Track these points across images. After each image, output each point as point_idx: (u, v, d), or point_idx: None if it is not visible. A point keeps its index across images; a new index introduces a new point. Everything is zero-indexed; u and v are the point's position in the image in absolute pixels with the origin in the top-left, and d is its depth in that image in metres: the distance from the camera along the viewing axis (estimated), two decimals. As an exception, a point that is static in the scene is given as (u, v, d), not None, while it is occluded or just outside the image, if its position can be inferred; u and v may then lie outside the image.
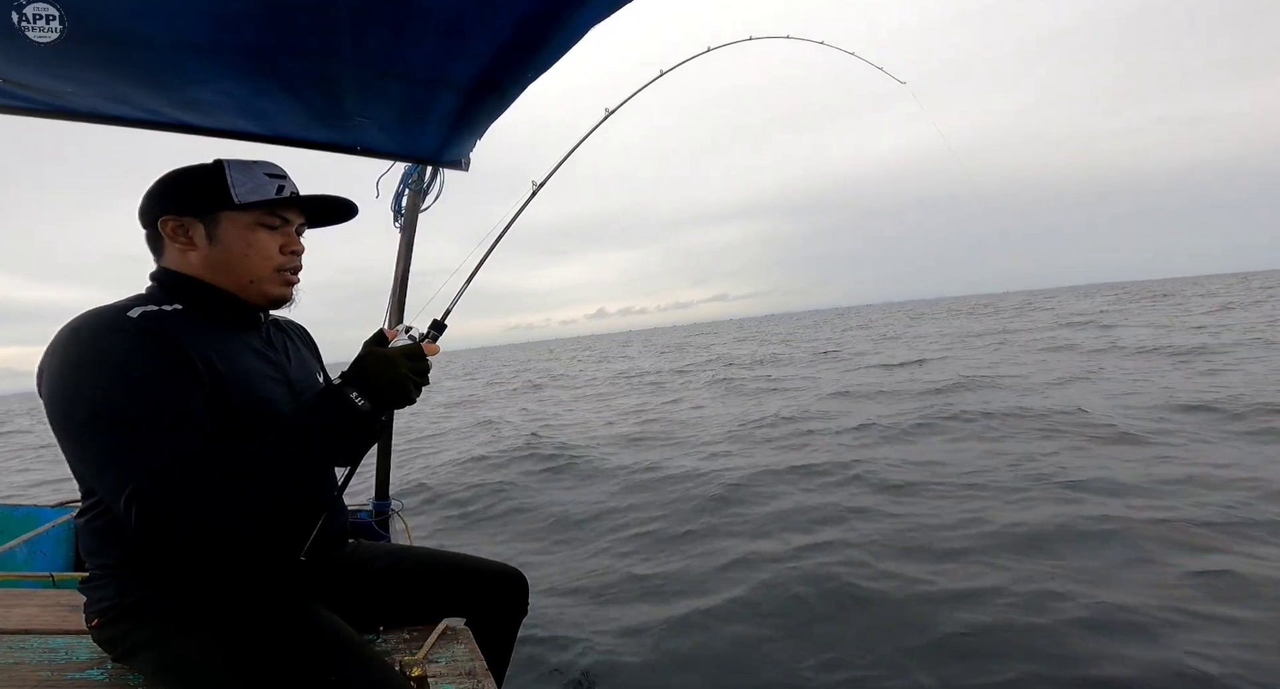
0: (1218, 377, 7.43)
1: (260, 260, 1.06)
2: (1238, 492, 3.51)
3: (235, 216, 1.04)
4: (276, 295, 1.10)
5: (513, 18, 0.95)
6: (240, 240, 1.04)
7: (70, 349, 0.89)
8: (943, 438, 5.60)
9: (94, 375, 0.87)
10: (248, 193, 1.03)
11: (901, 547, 3.22)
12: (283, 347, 1.18)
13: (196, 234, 1.04)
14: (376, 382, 0.94)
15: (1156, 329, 14.47)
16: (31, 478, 8.80)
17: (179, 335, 0.94)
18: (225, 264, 1.04)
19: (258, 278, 1.06)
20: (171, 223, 1.03)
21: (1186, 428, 5.12)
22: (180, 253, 1.04)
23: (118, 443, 0.85)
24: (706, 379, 13.87)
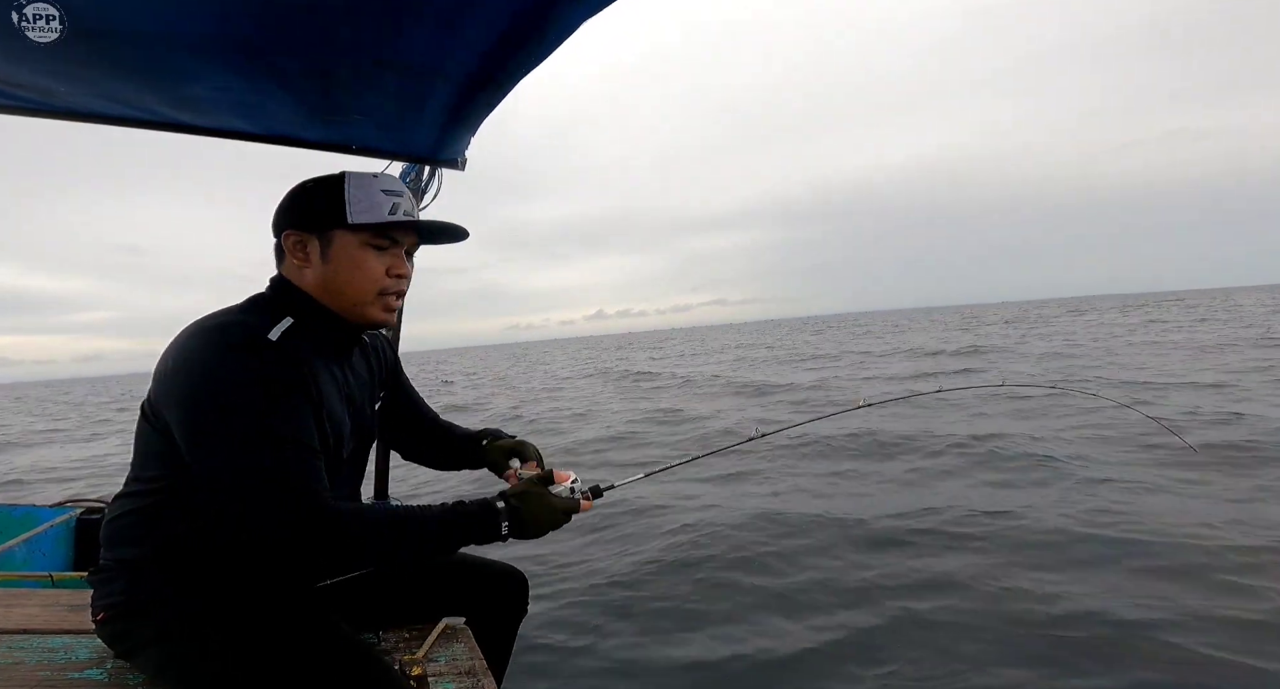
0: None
1: (365, 282, 1.05)
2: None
3: (347, 235, 1.04)
4: (376, 319, 1.09)
5: (507, 8, 0.95)
6: (348, 260, 1.04)
7: (214, 361, 0.91)
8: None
9: (241, 393, 0.89)
10: (361, 211, 1.02)
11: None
12: (359, 372, 1.19)
13: (313, 250, 1.05)
14: (530, 524, 1.02)
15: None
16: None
17: (304, 360, 0.97)
18: (333, 284, 1.05)
19: (360, 300, 1.06)
20: (293, 237, 1.05)
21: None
22: (296, 267, 1.06)
23: (260, 465, 0.87)
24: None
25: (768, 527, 3.74)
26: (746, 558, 3.31)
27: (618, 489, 1.25)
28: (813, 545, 3.41)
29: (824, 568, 3.12)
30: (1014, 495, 4.04)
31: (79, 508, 2.92)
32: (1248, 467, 4.33)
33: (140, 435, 1.01)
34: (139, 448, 1.02)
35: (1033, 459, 4.84)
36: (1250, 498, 3.69)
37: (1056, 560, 2.98)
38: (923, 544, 3.33)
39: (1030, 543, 3.21)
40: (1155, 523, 3.32)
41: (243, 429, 0.87)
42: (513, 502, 1.02)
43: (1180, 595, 2.55)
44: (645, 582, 3.13)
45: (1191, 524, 3.27)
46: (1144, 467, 4.45)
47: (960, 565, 3.00)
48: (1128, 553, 3.00)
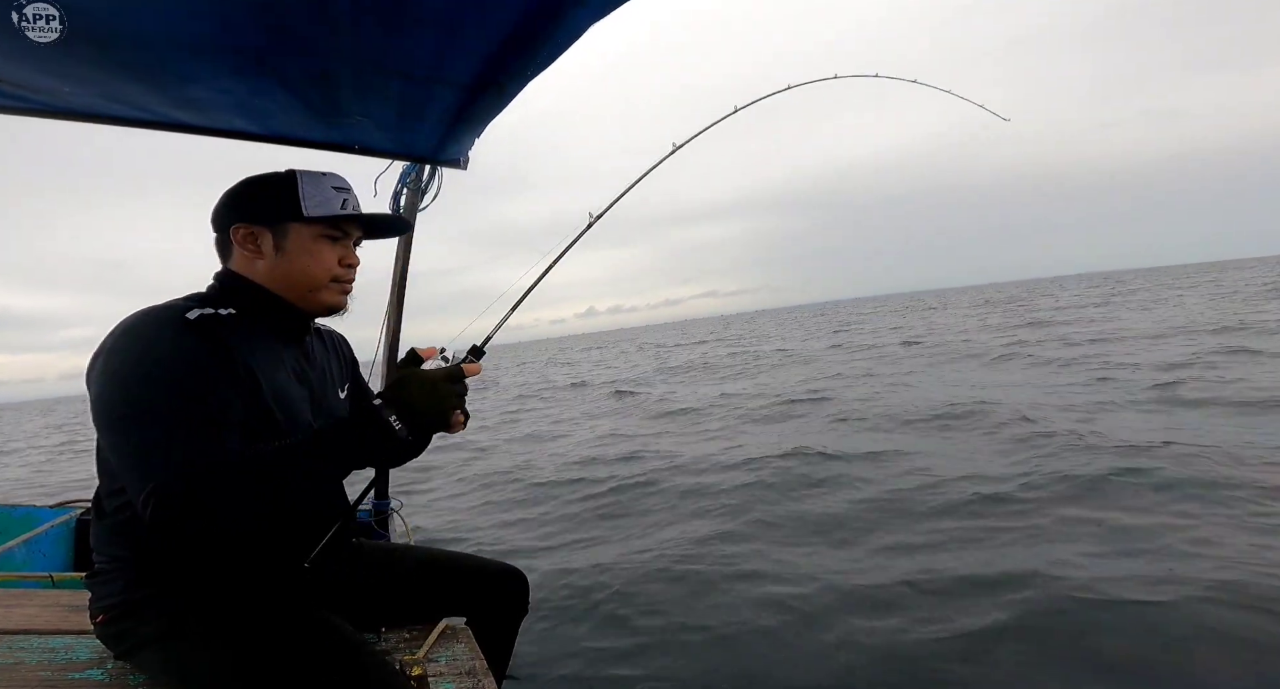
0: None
1: (320, 271, 1.10)
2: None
3: (302, 228, 1.08)
4: (332, 303, 1.13)
5: (512, 14, 0.95)
6: (304, 251, 1.08)
7: (120, 344, 0.91)
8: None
9: (138, 370, 0.89)
10: (316, 205, 1.07)
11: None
12: (319, 361, 1.20)
13: (264, 243, 1.07)
14: (416, 404, 0.91)
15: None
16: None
17: (230, 341, 0.96)
18: (288, 274, 1.08)
19: (316, 287, 1.10)
20: (242, 230, 1.07)
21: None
22: (247, 259, 1.08)
23: (149, 438, 0.85)
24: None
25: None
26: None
27: (495, 338, 1.17)
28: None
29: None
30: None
31: (79, 508, 2.92)
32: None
33: (98, 441, 1.00)
34: (99, 452, 1.01)
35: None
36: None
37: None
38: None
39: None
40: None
41: (134, 406, 0.87)
42: (388, 393, 0.92)
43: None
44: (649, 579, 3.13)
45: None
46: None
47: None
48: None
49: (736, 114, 1.61)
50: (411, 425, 0.90)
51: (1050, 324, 15.92)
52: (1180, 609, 2.23)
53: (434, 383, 0.93)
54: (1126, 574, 2.54)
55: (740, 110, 1.58)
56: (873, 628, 2.38)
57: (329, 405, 1.18)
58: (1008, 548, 2.98)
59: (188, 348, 0.91)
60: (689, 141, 1.54)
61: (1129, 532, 2.99)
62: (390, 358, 2.27)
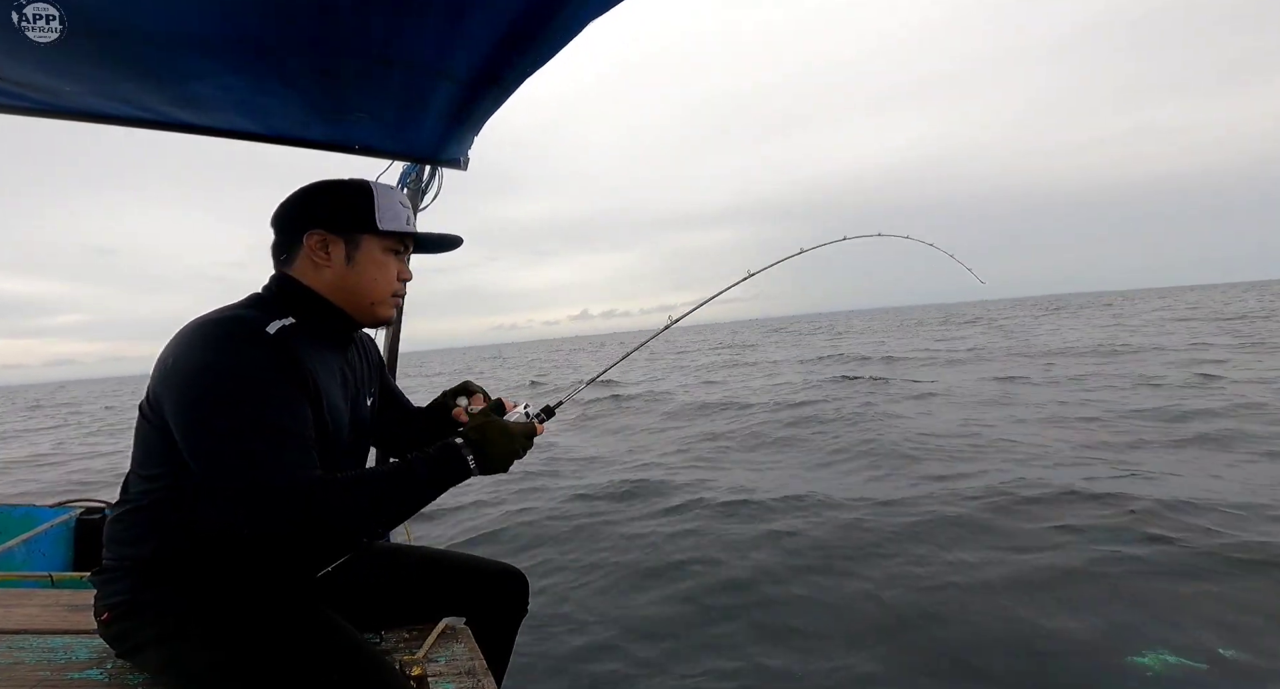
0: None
1: (385, 284, 1.12)
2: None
3: (374, 241, 1.09)
4: (386, 316, 1.15)
5: (513, 8, 0.95)
6: (373, 263, 1.09)
7: (212, 352, 0.92)
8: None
9: (237, 385, 0.91)
10: (388, 219, 1.08)
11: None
12: (358, 369, 1.21)
13: (336, 252, 1.07)
14: (494, 453, 1.01)
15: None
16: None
17: (302, 355, 0.98)
18: (356, 285, 1.09)
19: (378, 300, 1.12)
20: (317, 237, 1.06)
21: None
22: (313, 267, 1.08)
23: (254, 451, 0.89)
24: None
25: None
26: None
27: (566, 404, 1.27)
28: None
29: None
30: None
31: (78, 508, 2.92)
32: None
33: (140, 434, 1.01)
34: (139, 447, 1.02)
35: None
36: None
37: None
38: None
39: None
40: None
41: (235, 418, 0.89)
42: (471, 435, 1.03)
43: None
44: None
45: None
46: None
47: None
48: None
49: (802, 254, 1.67)
50: (483, 467, 1.01)
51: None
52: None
53: (513, 435, 1.05)
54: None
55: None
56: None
57: (361, 414, 1.19)
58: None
59: (274, 365, 0.94)
60: (762, 271, 1.61)
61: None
62: (390, 358, 2.27)
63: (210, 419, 0.90)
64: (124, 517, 1.01)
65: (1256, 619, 2.36)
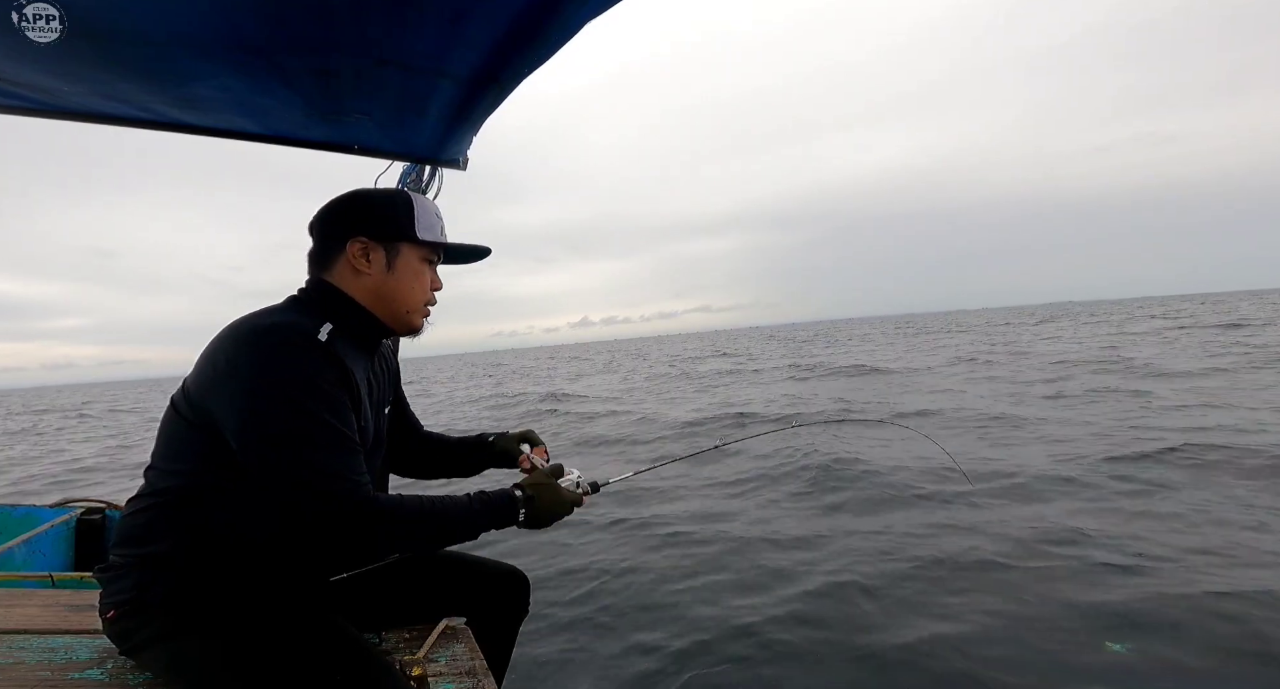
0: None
1: (421, 293, 1.14)
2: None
3: (412, 250, 1.11)
4: (418, 325, 1.17)
5: (512, 8, 0.95)
6: (411, 272, 1.12)
7: (269, 360, 0.93)
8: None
9: (296, 390, 0.92)
10: (425, 229, 1.11)
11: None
12: (380, 377, 1.21)
13: (377, 260, 1.09)
14: (544, 513, 1.09)
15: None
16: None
17: (347, 362, 1.00)
18: (392, 293, 1.11)
19: (413, 309, 1.14)
20: (359, 244, 1.08)
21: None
22: (352, 274, 1.09)
23: (315, 460, 0.91)
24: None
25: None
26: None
27: (613, 484, 1.32)
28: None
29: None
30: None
31: (79, 508, 2.92)
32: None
33: (169, 430, 1.01)
34: (166, 443, 1.02)
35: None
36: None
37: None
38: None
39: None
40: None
41: (298, 424, 0.90)
42: (529, 492, 1.09)
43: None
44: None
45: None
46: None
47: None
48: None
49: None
50: (529, 522, 1.08)
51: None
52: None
53: (564, 502, 1.12)
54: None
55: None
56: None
57: (379, 424, 1.19)
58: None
59: (328, 370, 0.96)
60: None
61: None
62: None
63: (273, 424, 0.91)
64: (141, 511, 1.01)
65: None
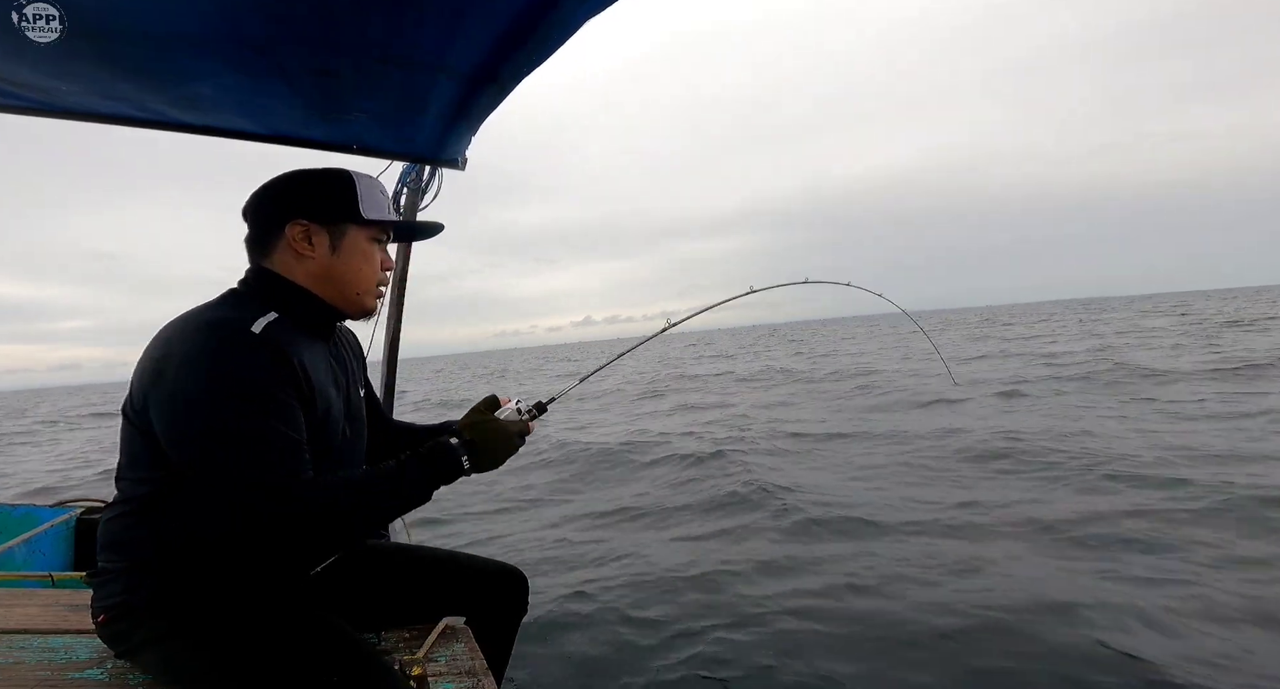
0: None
1: (371, 274, 1.11)
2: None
3: (359, 230, 1.08)
4: (371, 307, 1.14)
5: (512, 5, 0.95)
6: (359, 254, 1.08)
7: (200, 358, 0.91)
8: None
9: (224, 389, 0.89)
10: (371, 208, 1.07)
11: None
12: (345, 360, 1.19)
13: (320, 242, 1.05)
14: (488, 450, 1.04)
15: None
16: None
17: (291, 351, 0.96)
18: (339, 275, 1.07)
19: (364, 290, 1.10)
20: (299, 227, 1.04)
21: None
22: (294, 258, 1.05)
23: (243, 459, 0.88)
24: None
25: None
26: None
27: (559, 401, 1.25)
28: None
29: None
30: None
31: (79, 508, 2.92)
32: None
33: (125, 438, 1.00)
34: (125, 451, 1.00)
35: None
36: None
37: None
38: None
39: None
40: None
41: (224, 423, 0.88)
42: (466, 435, 1.03)
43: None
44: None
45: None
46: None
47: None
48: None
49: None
50: (477, 466, 1.03)
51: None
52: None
53: (509, 435, 1.06)
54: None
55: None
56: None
57: (355, 401, 1.18)
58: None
59: (262, 366, 0.92)
60: (765, 290, 1.62)
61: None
62: (390, 359, 2.27)
63: (196, 425, 0.89)
64: (116, 519, 1.01)
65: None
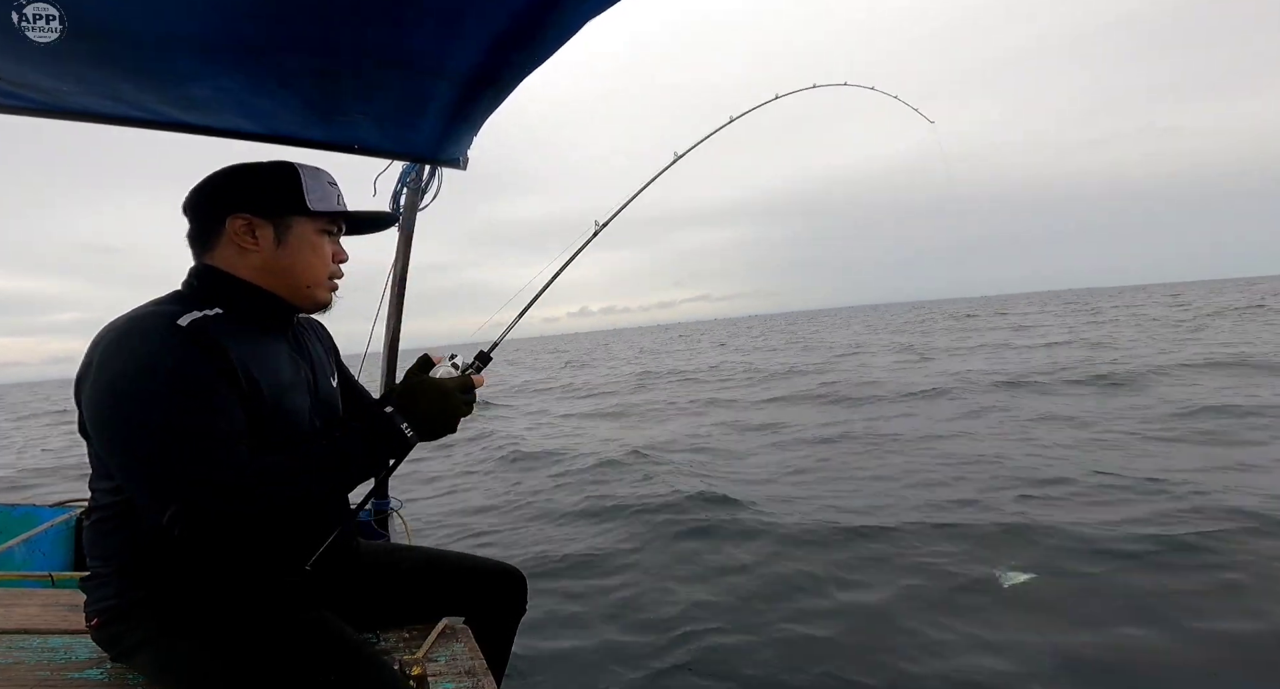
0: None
1: (321, 266, 1.08)
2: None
3: (305, 222, 1.05)
4: (325, 300, 1.12)
5: (511, 6, 0.95)
6: (306, 246, 1.06)
7: (121, 354, 0.89)
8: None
9: (147, 384, 0.87)
10: (318, 200, 1.05)
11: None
12: (309, 349, 1.18)
13: (264, 236, 1.03)
14: (429, 414, 0.97)
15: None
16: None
17: (226, 345, 0.93)
18: (287, 268, 1.05)
19: (314, 283, 1.08)
20: (241, 221, 1.02)
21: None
22: (238, 253, 1.03)
23: (169, 453, 0.85)
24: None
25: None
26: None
27: (503, 345, 1.17)
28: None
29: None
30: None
31: (79, 507, 2.92)
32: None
33: (88, 446, 0.98)
34: (91, 458, 0.99)
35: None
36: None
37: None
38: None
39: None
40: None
41: (142, 425, 0.86)
42: (398, 400, 0.98)
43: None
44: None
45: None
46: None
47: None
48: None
49: (732, 123, 1.70)
50: (422, 432, 0.97)
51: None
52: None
53: (446, 393, 0.99)
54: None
55: (735, 119, 1.66)
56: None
57: (325, 393, 1.16)
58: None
59: (187, 359, 0.89)
60: (690, 150, 1.57)
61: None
62: (391, 354, 2.27)
63: (116, 426, 0.87)
64: (94, 525, 1.00)
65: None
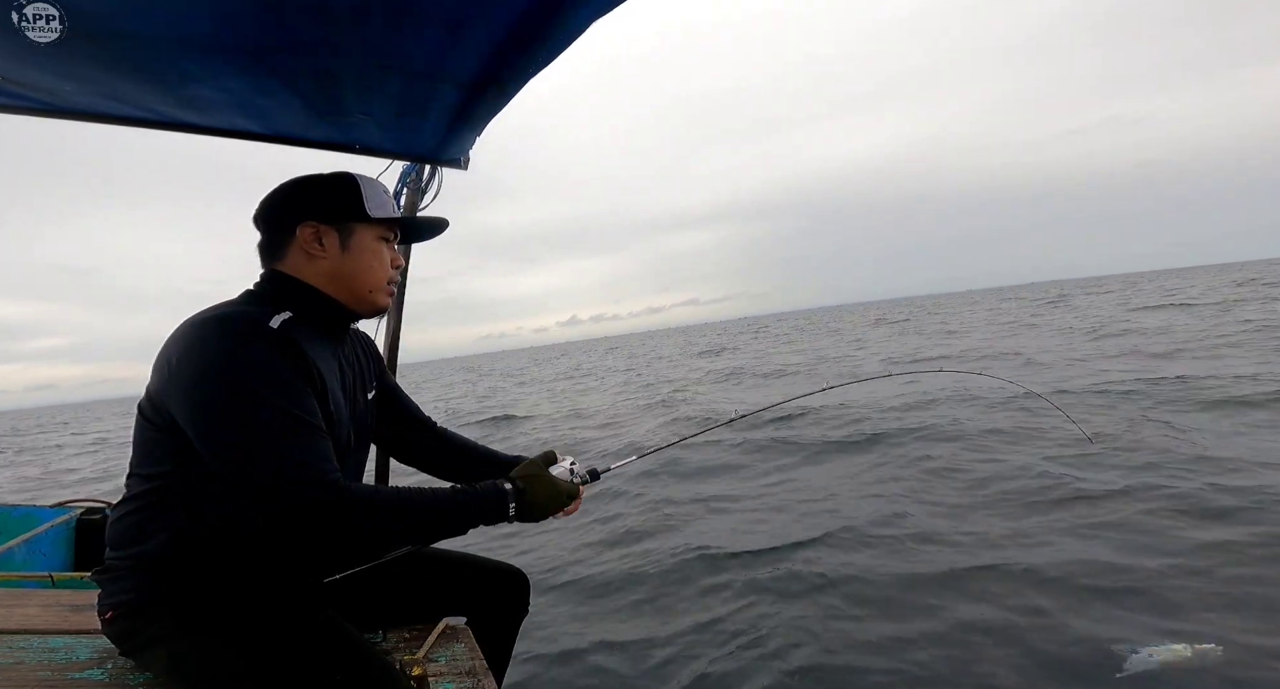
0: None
1: (381, 271, 1.13)
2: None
3: (366, 229, 1.10)
4: (384, 304, 1.16)
5: (514, 11, 0.95)
6: (368, 252, 1.11)
7: (217, 351, 0.91)
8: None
9: (251, 379, 0.90)
10: (376, 207, 1.11)
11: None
12: (354, 361, 1.21)
13: (330, 242, 1.08)
14: (537, 503, 1.06)
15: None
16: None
17: (305, 349, 0.98)
18: (350, 274, 1.09)
19: (375, 288, 1.13)
20: (310, 229, 1.06)
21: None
22: (306, 259, 1.08)
23: (281, 445, 0.89)
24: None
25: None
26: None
27: (613, 472, 1.28)
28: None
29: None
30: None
31: (79, 508, 2.92)
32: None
33: (140, 437, 1.01)
34: (138, 447, 1.01)
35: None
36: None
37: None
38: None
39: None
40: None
41: (254, 414, 0.89)
42: (519, 484, 1.06)
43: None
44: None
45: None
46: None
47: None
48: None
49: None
50: (521, 516, 1.05)
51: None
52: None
53: (559, 493, 1.10)
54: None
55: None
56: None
57: (360, 409, 1.18)
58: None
59: (281, 358, 0.94)
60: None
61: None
62: (391, 354, 2.27)
63: (228, 416, 0.90)
64: (126, 516, 1.01)
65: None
